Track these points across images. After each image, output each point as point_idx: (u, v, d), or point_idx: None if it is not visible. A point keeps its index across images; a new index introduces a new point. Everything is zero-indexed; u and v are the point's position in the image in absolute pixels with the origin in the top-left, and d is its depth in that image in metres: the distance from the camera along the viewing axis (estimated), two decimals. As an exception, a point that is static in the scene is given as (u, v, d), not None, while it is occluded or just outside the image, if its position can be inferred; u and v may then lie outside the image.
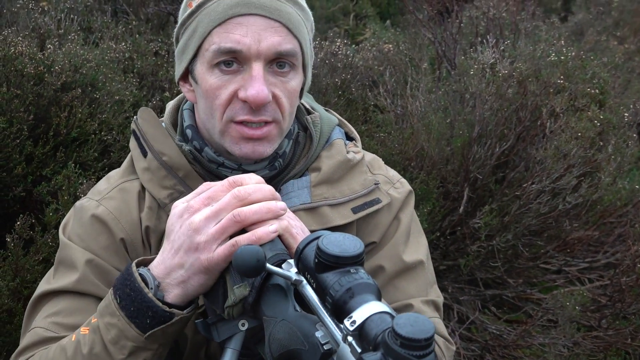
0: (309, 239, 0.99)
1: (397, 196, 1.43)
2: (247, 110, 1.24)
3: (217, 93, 1.24)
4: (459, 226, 3.04)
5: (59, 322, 1.25)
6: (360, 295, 0.89)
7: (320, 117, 1.43)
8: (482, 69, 2.93)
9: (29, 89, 2.61)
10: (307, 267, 0.97)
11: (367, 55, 3.40)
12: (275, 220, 1.09)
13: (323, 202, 1.33)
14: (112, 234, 1.31)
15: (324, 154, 1.39)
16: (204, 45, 1.25)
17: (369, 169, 1.45)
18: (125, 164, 1.42)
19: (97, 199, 1.35)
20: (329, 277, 0.92)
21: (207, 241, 1.07)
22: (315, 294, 0.95)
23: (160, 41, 3.66)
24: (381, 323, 0.84)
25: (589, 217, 3.10)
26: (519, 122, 2.96)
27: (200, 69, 1.27)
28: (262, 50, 1.22)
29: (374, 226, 1.39)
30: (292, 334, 0.97)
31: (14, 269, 2.23)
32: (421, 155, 2.92)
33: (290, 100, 1.28)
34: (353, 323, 0.86)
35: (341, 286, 0.90)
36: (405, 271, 1.38)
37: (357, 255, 0.93)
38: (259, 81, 1.21)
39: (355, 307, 0.87)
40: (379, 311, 0.86)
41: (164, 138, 1.36)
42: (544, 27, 3.83)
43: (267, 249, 1.06)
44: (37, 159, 2.60)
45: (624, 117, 3.00)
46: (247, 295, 1.04)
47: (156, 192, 1.32)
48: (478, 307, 3.18)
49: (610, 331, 2.93)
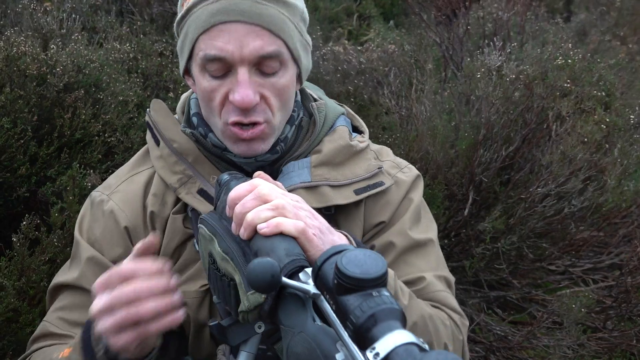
0: (328, 253, 0.94)
1: (405, 179, 1.46)
2: (239, 112, 1.28)
3: (211, 96, 1.29)
4: (463, 228, 3.03)
5: (63, 317, 1.35)
6: (385, 322, 0.82)
7: (326, 105, 1.46)
8: (489, 72, 2.92)
9: (32, 90, 2.60)
10: (326, 287, 0.91)
11: (371, 56, 3.39)
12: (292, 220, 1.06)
13: (324, 182, 1.35)
14: (118, 225, 1.38)
15: (326, 139, 1.42)
16: (195, 50, 1.30)
17: (377, 156, 1.47)
18: (133, 158, 1.50)
19: (108, 194, 1.43)
20: (349, 300, 0.86)
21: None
22: (336, 315, 0.90)
23: (165, 41, 3.65)
24: (407, 357, 0.77)
25: (594, 219, 3.09)
26: (525, 124, 2.95)
27: (195, 71, 1.32)
28: (245, 56, 1.25)
29: (382, 205, 1.41)
30: (311, 350, 0.92)
31: (20, 269, 2.23)
32: (426, 158, 2.91)
33: (280, 97, 1.31)
34: (376, 355, 0.79)
35: (363, 312, 0.83)
36: (415, 247, 1.39)
37: (380, 276, 0.87)
38: (244, 86, 1.25)
39: (378, 336, 0.81)
40: (404, 342, 0.80)
41: (174, 126, 1.43)
42: (551, 29, 3.82)
43: (283, 254, 1.01)
44: (41, 159, 2.59)
45: (629, 120, 2.99)
46: (262, 302, 1.01)
47: (168, 177, 1.38)
48: (483, 308, 3.17)
49: (616, 332, 2.93)
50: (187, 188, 1.36)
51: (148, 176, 1.43)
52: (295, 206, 1.10)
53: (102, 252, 1.38)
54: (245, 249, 1.08)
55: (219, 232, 1.13)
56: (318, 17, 4.86)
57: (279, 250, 1.01)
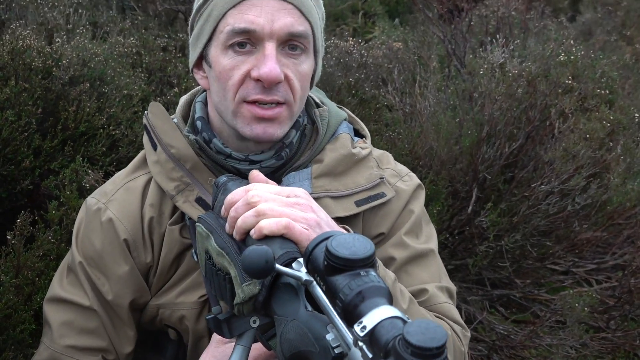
0: (318, 239, 0.96)
1: (406, 188, 1.43)
2: (260, 89, 1.26)
3: (230, 74, 1.27)
4: (467, 226, 3.03)
5: (73, 345, 1.34)
6: (371, 299, 0.86)
7: (329, 111, 1.44)
8: (492, 69, 2.92)
9: (37, 83, 2.61)
10: (316, 269, 0.94)
11: (376, 53, 3.39)
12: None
13: (325, 193, 1.34)
14: (117, 236, 1.36)
15: (328, 147, 1.40)
16: (219, 28, 1.28)
17: (378, 164, 1.45)
18: (132, 162, 1.46)
19: (104, 202, 1.40)
20: (338, 280, 0.90)
21: None
22: (326, 296, 0.93)
23: (168, 37, 3.66)
24: (392, 329, 0.82)
25: (598, 217, 3.09)
26: (528, 122, 2.94)
27: (214, 52, 1.30)
28: (275, 30, 1.24)
29: (382, 217, 1.39)
30: (303, 335, 0.95)
31: (16, 265, 2.23)
32: (430, 154, 2.91)
33: (301, 83, 1.30)
34: (363, 329, 0.84)
35: (351, 290, 0.87)
36: (416, 258, 1.38)
37: (368, 257, 0.91)
38: (272, 59, 1.24)
39: (365, 311, 0.85)
40: (389, 316, 0.84)
41: (173, 131, 1.39)
42: (553, 26, 3.82)
43: (277, 247, 1.04)
44: (45, 152, 2.60)
45: (634, 118, 2.98)
46: (257, 293, 1.03)
47: (164, 183, 1.35)
48: (486, 307, 3.17)
49: (619, 333, 2.92)
50: (184, 196, 1.33)
51: (145, 182, 1.40)
52: (287, 203, 1.11)
53: (105, 267, 1.36)
54: (241, 246, 1.11)
55: (215, 229, 1.15)
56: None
57: (272, 245, 1.04)
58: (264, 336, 1.14)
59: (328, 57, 3.20)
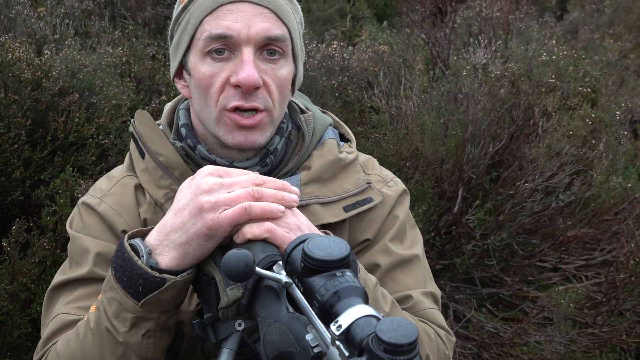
0: (296, 242, 0.99)
1: (391, 194, 1.44)
2: (239, 95, 1.27)
3: (210, 81, 1.28)
4: (454, 225, 3.06)
5: (81, 306, 1.29)
6: (347, 298, 0.89)
7: (314, 117, 1.44)
8: (475, 70, 2.96)
9: (27, 95, 2.64)
10: (294, 271, 0.97)
11: (362, 57, 3.43)
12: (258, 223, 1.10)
13: (313, 200, 1.35)
14: (114, 229, 1.35)
15: (315, 153, 1.40)
16: (197, 35, 1.29)
17: (363, 169, 1.46)
18: (126, 161, 1.45)
19: (99, 197, 1.39)
20: (315, 281, 0.93)
21: (216, 202, 1.09)
22: (304, 297, 0.96)
23: (157, 45, 3.69)
24: (366, 327, 0.84)
25: (582, 215, 3.12)
26: (512, 121, 2.98)
27: (193, 60, 1.30)
28: (251, 35, 1.25)
29: (367, 223, 1.40)
30: (284, 336, 0.98)
31: (11, 272, 2.26)
32: (416, 155, 2.94)
33: (280, 89, 1.31)
34: (339, 327, 0.86)
35: (327, 290, 0.90)
36: (401, 264, 1.39)
37: (343, 258, 0.94)
38: (250, 64, 1.25)
39: (341, 311, 0.88)
40: (364, 315, 0.86)
41: (160, 139, 1.39)
42: (536, 26, 3.85)
43: (259, 250, 1.07)
44: (35, 163, 2.63)
45: (616, 115, 3.02)
46: (240, 297, 1.06)
47: (153, 191, 1.35)
48: (474, 305, 3.20)
49: (606, 328, 2.95)
50: None
51: (136, 184, 1.39)
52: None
53: (103, 248, 1.33)
54: (226, 250, 1.13)
55: None
56: (311, 18, 4.90)
57: (254, 249, 1.07)
58: (250, 339, 1.18)
59: (311, 61, 3.23)
